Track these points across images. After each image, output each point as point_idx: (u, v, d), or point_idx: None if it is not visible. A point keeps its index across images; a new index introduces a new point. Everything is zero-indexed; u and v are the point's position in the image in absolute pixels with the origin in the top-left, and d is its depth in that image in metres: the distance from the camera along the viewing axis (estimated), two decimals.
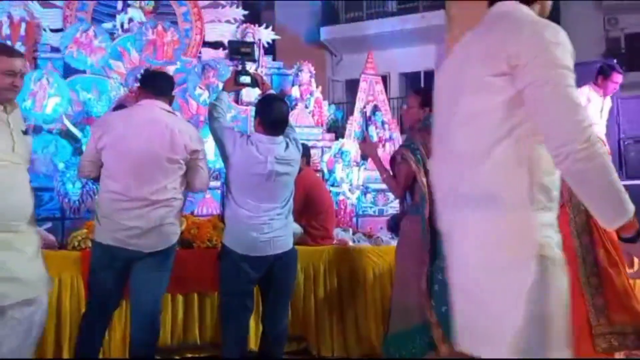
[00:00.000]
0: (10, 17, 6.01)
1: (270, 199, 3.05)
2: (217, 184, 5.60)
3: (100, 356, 3.24)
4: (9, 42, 5.94)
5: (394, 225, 4.81)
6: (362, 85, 7.06)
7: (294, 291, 3.47)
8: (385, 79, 7.48)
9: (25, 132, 2.50)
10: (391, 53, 9.86)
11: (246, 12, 7.13)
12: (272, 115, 3.08)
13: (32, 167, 5.02)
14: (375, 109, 6.91)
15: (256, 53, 3.40)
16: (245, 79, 3.29)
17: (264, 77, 3.73)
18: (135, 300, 2.91)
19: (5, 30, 5.98)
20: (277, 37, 7.26)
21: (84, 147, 5.37)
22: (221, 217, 4.27)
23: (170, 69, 6.35)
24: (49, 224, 4.23)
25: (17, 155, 2.37)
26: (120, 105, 4.94)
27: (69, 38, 6.00)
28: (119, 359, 3.36)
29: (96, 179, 2.95)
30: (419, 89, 5.48)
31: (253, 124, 3.40)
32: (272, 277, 3.09)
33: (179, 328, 3.61)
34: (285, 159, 3.07)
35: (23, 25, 6.03)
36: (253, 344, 3.49)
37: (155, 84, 2.99)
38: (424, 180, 3.22)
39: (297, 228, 3.74)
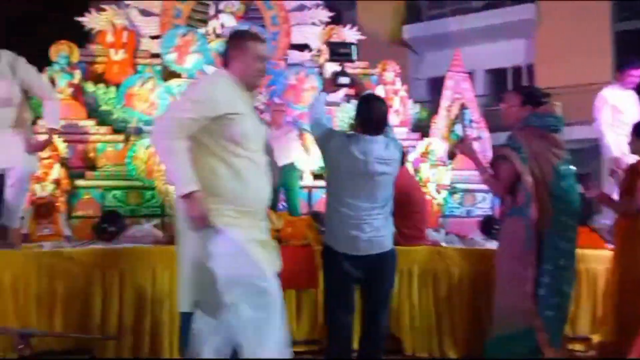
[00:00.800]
0: (113, 25, 6.43)
1: (371, 198, 3.06)
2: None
3: None
4: (112, 50, 6.39)
5: (488, 226, 4.71)
6: (448, 83, 6.92)
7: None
8: (470, 77, 7.29)
9: None
10: (476, 50, 9.61)
11: (332, 14, 7.19)
12: (372, 115, 3.09)
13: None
14: (463, 107, 6.75)
15: (354, 53, 3.42)
16: (344, 80, 3.32)
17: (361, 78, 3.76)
18: None
19: (109, 38, 6.40)
20: (361, 37, 7.27)
21: None
22: (314, 216, 4.36)
23: None
24: (156, 221, 4.47)
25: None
26: None
27: (171, 41, 6.32)
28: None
29: None
30: (518, 86, 5.31)
31: (352, 123, 3.44)
32: (372, 277, 3.11)
33: None
34: (385, 159, 3.07)
35: (125, 33, 6.43)
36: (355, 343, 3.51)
37: None
38: (529, 180, 3.12)
39: None
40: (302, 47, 6.97)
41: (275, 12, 6.99)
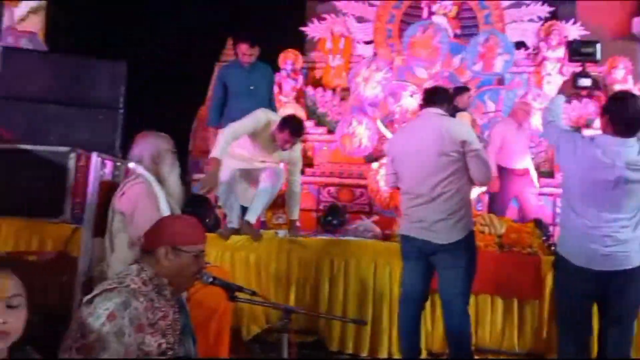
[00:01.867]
0: (332, 33, 6.87)
1: (615, 208, 2.77)
2: None
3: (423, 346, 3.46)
4: (330, 56, 6.84)
5: None
6: None
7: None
8: None
9: None
10: None
11: (552, 9, 6.73)
12: (626, 114, 2.79)
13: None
14: None
15: (598, 53, 3.14)
16: (585, 82, 3.07)
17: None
18: (440, 294, 3.10)
19: (328, 45, 6.87)
20: (586, 32, 6.67)
21: None
22: (537, 223, 4.11)
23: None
24: (376, 217, 4.67)
25: None
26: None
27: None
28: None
29: None
30: None
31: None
32: (609, 296, 2.81)
33: (497, 331, 3.60)
34: (637, 165, 2.76)
35: (342, 40, 6.83)
36: None
37: (430, 96, 3.24)
38: None
39: None
40: (518, 45, 6.63)
41: (490, 10, 6.78)
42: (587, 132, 5.19)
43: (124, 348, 1.78)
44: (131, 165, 2.91)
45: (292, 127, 3.79)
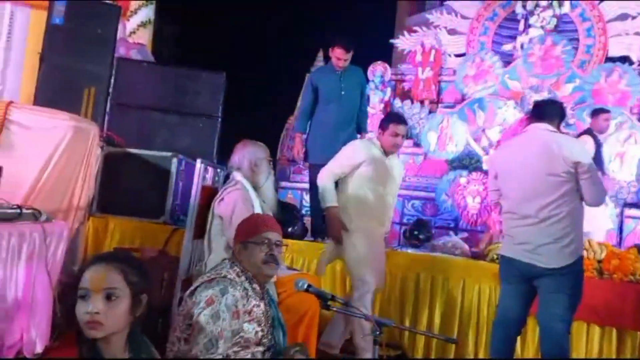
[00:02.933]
0: (422, 45, 6.83)
1: None
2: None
3: None
4: (419, 68, 6.80)
5: None
6: None
7: None
8: None
9: None
10: None
11: None
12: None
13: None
14: None
15: None
16: None
17: None
18: (539, 318, 2.92)
19: (418, 58, 6.83)
20: None
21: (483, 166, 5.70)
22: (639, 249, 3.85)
23: (569, 86, 6.16)
24: (465, 234, 4.58)
25: None
26: None
27: (464, 67, 6.47)
28: None
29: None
30: None
31: None
32: None
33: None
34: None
35: (433, 52, 6.77)
36: None
37: (539, 110, 3.07)
38: None
39: None
40: (622, 60, 6.26)
41: (592, 23, 6.46)
42: None
43: (219, 331, 1.89)
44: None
45: (394, 117, 3.61)
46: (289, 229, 4.02)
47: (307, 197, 5.74)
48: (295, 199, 6.06)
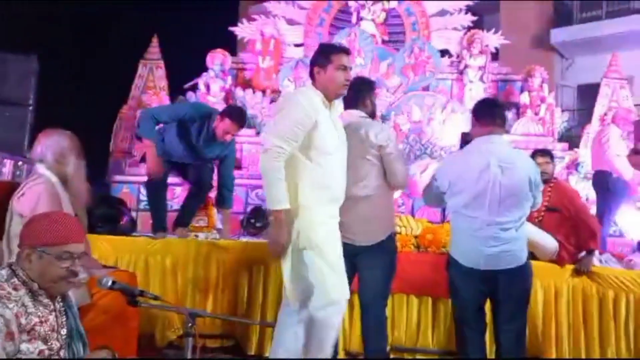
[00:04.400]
0: (262, 34, 6.83)
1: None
2: None
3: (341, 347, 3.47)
4: (260, 57, 6.80)
5: None
6: (604, 90, 6.40)
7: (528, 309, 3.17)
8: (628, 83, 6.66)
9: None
10: (634, 55, 8.75)
11: (475, 18, 6.99)
12: (484, 103, 3.08)
13: None
14: None
15: None
16: None
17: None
18: (360, 293, 3.04)
19: (258, 46, 6.82)
20: (506, 41, 6.98)
21: None
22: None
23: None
24: None
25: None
26: None
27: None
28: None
29: None
30: None
31: None
32: (498, 295, 2.91)
33: (412, 329, 3.67)
34: (509, 162, 2.91)
35: (272, 41, 6.80)
36: None
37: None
38: None
39: (552, 243, 3.53)
40: (443, 53, 6.85)
41: (416, 18, 6.96)
42: None
43: None
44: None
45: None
46: (115, 225, 3.78)
47: (144, 191, 5.44)
48: (132, 194, 5.71)
